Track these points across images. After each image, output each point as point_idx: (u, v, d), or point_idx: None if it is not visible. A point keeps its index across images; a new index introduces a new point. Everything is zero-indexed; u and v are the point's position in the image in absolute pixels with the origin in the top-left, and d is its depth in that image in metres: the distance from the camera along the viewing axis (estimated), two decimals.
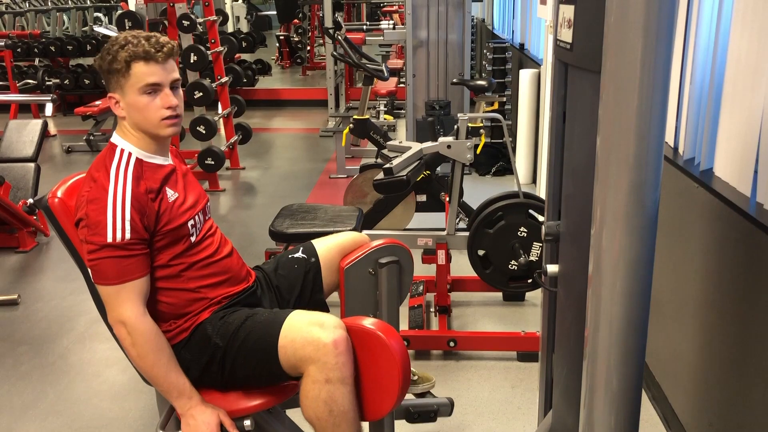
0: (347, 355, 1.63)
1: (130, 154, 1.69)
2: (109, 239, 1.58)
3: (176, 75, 1.72)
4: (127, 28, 4.71)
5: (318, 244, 2.05)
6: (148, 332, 1.62)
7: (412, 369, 2.14)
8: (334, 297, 2.06)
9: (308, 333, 1.63)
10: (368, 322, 1.70)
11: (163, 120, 1.69)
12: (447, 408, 2.24)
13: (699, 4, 2.15)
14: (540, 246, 2.81)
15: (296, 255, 2.03)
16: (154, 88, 1.67)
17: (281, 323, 1.68)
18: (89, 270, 1.64)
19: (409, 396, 2.21)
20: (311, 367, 1.62)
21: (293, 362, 1.65)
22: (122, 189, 1.62)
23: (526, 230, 2.79)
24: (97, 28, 9.88)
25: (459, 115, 2.95)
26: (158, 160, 1.75)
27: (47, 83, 7.97)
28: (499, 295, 3.32)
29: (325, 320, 1.66)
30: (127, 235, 1.59)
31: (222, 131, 6.01)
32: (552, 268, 1.58)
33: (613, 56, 1.10)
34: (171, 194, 1.71)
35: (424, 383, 2.39)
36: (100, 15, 12.86)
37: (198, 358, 1.73)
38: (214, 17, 5.64)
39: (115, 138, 1.73)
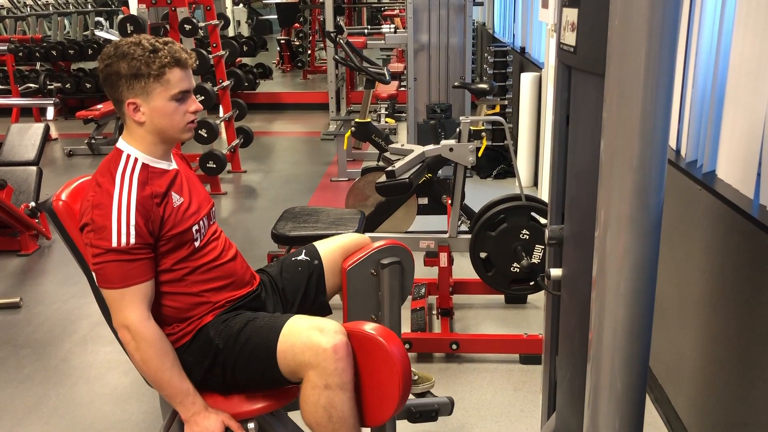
0: (347, 361, 1.61)
1: (136, 160, 1.69)
2: (114, 244, 1.58)
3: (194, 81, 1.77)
4: (129, 32, 4.72)
5: (320, 245, 2.06)
6: (152, 337, 1.62)
7: (412, 369, 2.14)
8: (336, 299, 2.06)
9: (308, 338, 1.62)
10: (369, 327, 1.68)
11: (187, 124, 1.73)
12: (447, 407, 2.25)
13: (701, 6, 2.15)
14: (542, 248, 2.81)
15: (299, 257, 2.04)
16: (184, 95, 1.69)
17: (280, 328, 1.67)
18: (94, 274, 1.65)
19: (409, 396, 2.21)
20: (311, 372, 1.60)
21: (293, 367, 1.64)
22: (127, 194, 1.62)
23: (528, 233, 2.79)
24: (98, 33, 9.91)
25: (461, 118, 2.96)
26: (163, 165, 1.75)
27: (49, 87, 7.98)
28: (501, 297, 3.32)
29: (325, 325, 1.64)
30: (132, 240, 1.59)
31: (223, 134, 6.01)
32: (555, 272, 1.58)
33: (617, 59, 1.11)
34: (177, 199, 1.71)
35: (424, 383, 2.42)
36: (101, 19, 12.90)
37: (200, 361, 1.73)
38: (215, 21, 5.65)
39: (122, 144, 1.72)
